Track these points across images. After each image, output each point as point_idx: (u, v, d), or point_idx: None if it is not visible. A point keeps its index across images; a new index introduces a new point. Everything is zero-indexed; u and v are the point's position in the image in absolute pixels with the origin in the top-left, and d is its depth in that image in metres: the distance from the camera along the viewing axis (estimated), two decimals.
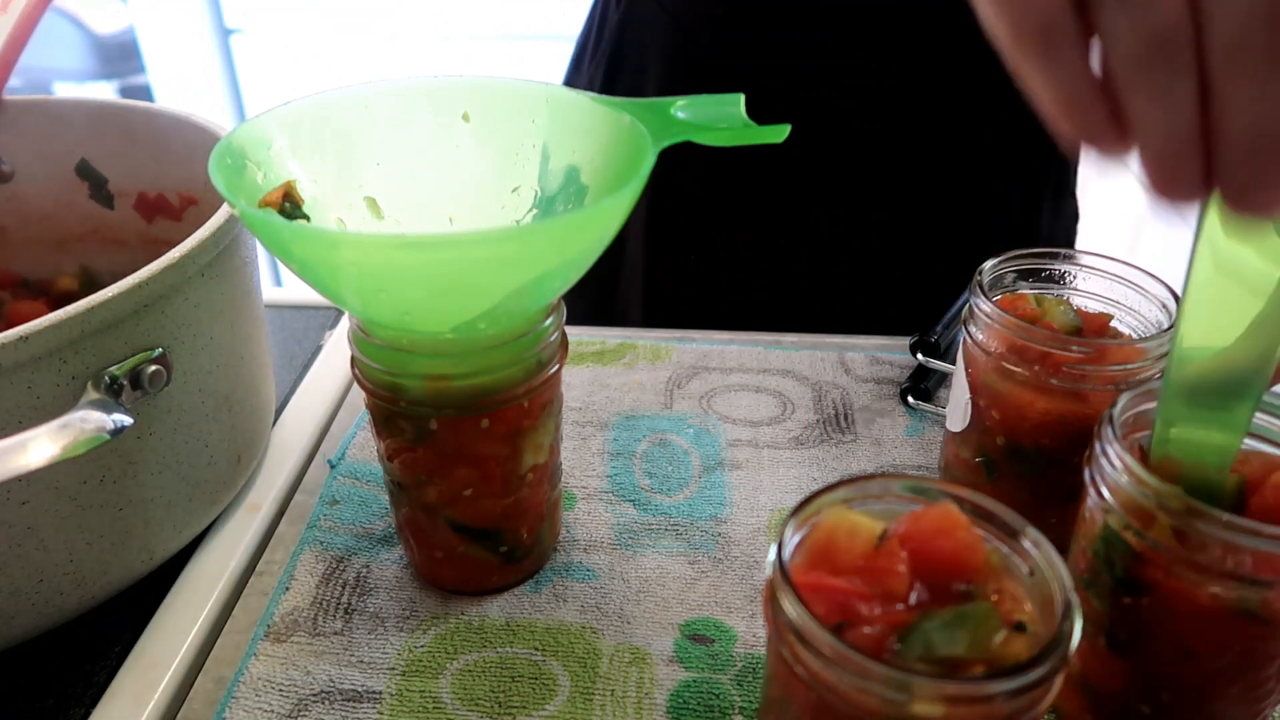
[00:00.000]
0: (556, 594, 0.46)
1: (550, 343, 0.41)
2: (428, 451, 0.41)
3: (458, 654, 0.43)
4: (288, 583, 0.46)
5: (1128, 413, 0.37)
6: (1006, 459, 0.46)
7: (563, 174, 0.43)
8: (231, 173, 0.37)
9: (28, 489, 0.38)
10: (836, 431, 0.57)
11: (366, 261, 0.35)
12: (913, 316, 0.63)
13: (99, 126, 0.55)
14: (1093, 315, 0.46)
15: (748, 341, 0.65)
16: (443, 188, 0.45)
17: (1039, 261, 0.48)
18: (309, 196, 0.41)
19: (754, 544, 0.49)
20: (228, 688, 0.41)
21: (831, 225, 0.72)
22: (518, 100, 0.44)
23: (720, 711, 0.40)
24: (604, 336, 0.65)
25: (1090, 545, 0.36)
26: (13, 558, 0.39)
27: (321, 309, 0.70)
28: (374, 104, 0.43)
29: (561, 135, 0.43)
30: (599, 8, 0.79)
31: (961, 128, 0.69)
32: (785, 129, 0.39)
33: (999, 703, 0.26)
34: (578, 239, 0.36)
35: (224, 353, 0.45)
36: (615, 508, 0.51)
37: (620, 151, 0.41)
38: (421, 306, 0.37)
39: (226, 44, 2.22)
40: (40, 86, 2.19)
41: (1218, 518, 0.31)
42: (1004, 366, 0.44)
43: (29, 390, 0.36)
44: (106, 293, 0.37)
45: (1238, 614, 0.32)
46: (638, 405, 0.59)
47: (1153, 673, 0.35)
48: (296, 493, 0.53)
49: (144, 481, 0.42)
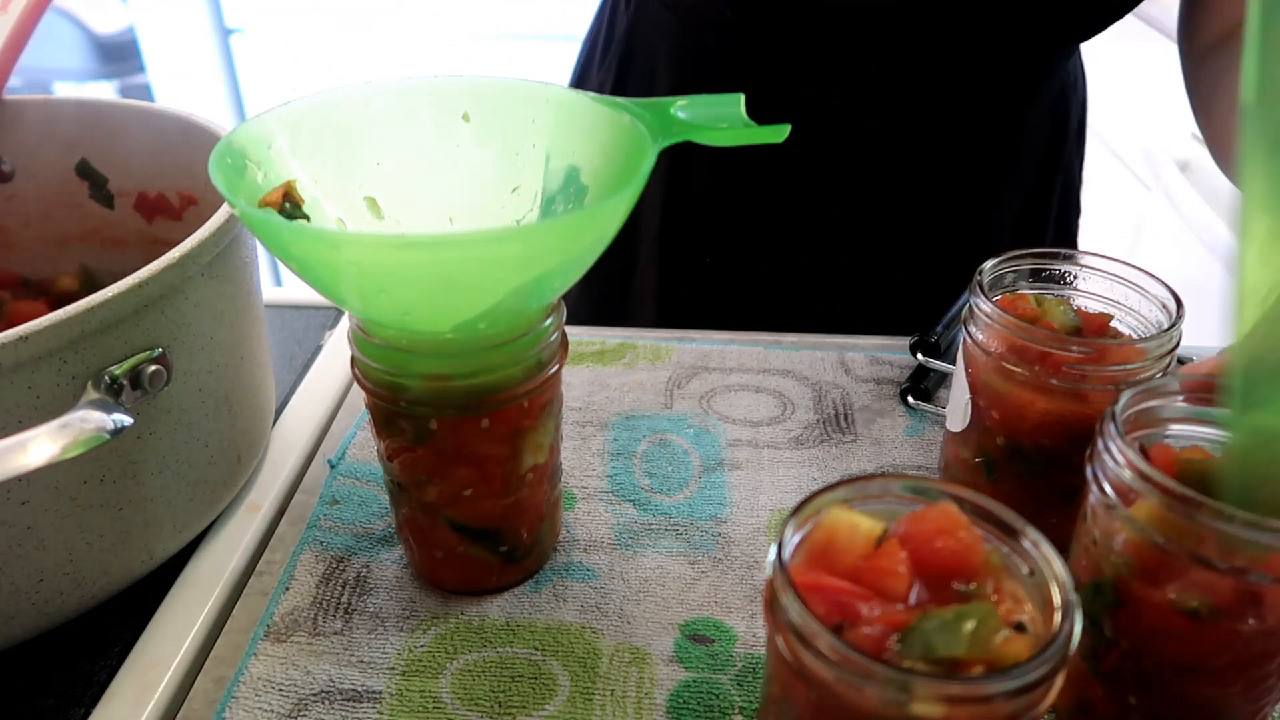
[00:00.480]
0: (556, 594, 0.46)
1: (550, 343, 0.41)
2: (428, 451, 0.41)
3: (458, 654, 0.43)
4: (288, 583, 0.46)
5: (1130, 410, 0.37)
6: (1006, 459, 0.46)
7: (563, 174, 0.43)
8: (231, 172, 0.37)
9: (28, 489, 0.38)
10: (836, 431, 0.57)
11: (366, 261, 0.35)
12: (913, 316, 0.63)
13: (99, 126, 0.55)
14: (1093, 315, 0.46)
15: (748, 341, 0.65)
16: (443, 188, 0.45)
17: (1039, 261, 0.48)
18: (309, 196, 0.41)
19: (754, 544, 0.49)
20: (228, 688, 0.41)
21: (832, 225, 0.72)
22: (518, 100, 0.44)
23: (720, 711, 0.40)
24: (604, 336, 0.65)
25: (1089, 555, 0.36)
26: (12, 558, 0.39)
27: (321, 309, 0.70)
28: (374, 104, 0.43)
29: (562, 135, 0.43)
30: (607, 11, 0.79)
31: (963, 128, 0.69)
32: (785, 129, 0.39)
33: (999, 703, 0.26)
34: (578, 239, 0.36)
35: (224, 353, 0.45)
36: (615, 508, 0.51)
37: (620, 151, 0.41)
38: (422, 306, 0.37)
39: (226, 44, 2.22)
40: (40, 86, 2.19)
41: (1227, 512, 0.31)
42: (1004, 366, 0.44)
43: (29, 390, 0.36)
44: (106, 293, 0.37)
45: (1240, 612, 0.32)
46: (638, 405, 0.59)
47: (1153, 673, 0.35)
48: (296, 493, 0.53)
49: (144, 481, 0.42)
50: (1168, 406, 0.38)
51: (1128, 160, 1.70)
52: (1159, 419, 0.38)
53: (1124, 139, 1.72)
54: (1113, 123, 1.77)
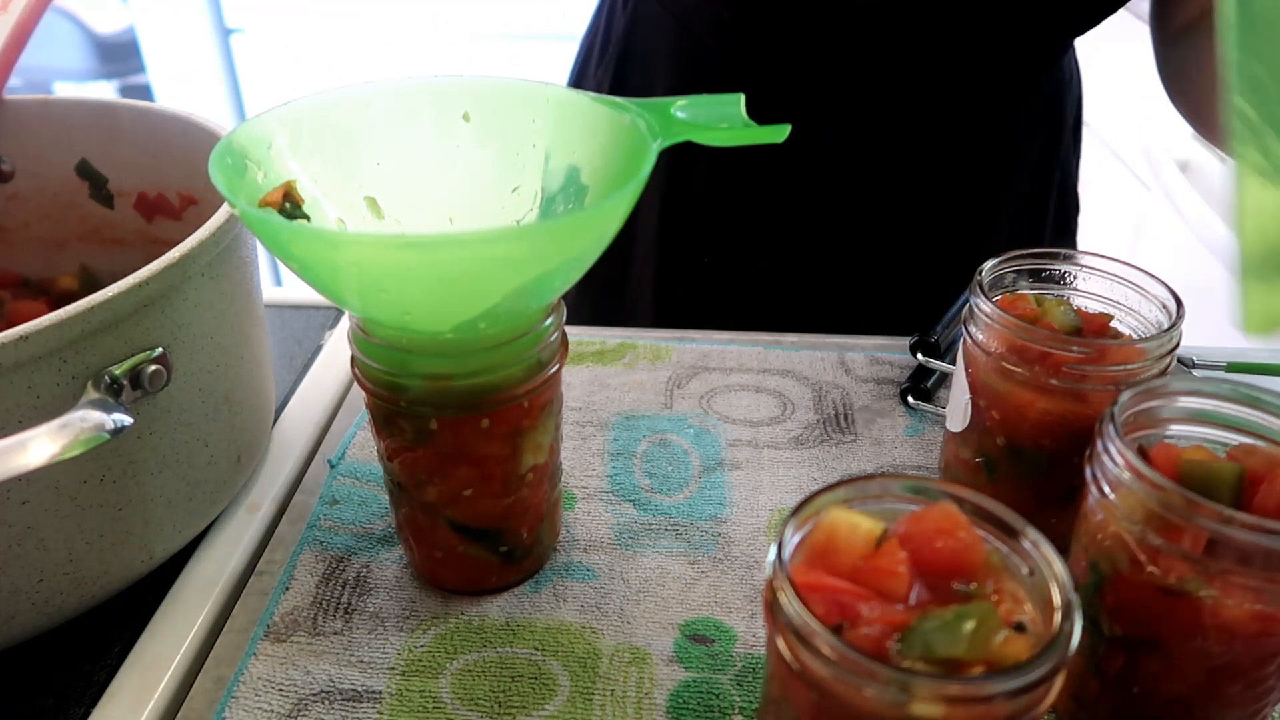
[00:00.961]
0: (556, 594, 0.46)
1: (550, 342, 0.41)
2: (428, 451, 0.41)
3: (458, 654, 0.43)
4: (288, 583, 0.46)
5: (1129, 411, 0.37)
6: (1006, 459, 0.46)
7: (563, 174, 0.43)
8: (232, 172, 0.37)
9: (28, 489, 0.38)
10: (836, 431, 0.57)
11: (366, 261, 0.35)
12: (913, 316, 0.63)
13: (99, 126, 0.55)
14: (1093, 315, 0.46)
15: (748, 341, 0.65)
16: (443, 188, 0.45)
17: (1039, 261, 0.48)
18: (309, 196, 0.41)
19: (754, 544, 0.49)
20: (228, 688, 0.41)
21: (832, 225, 0.72)
22: (518, 100, 0.44)
23: (720, 711, 0.40)
24: (604, 336, 0.65)
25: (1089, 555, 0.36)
26: (12, 558, 0.39)
27: (321, 309, 0.70)
28: (374, 104, 0.43)
29: (562, 135, 0.43)
30: (604, 11, 0.79)
31: (961, 127, 0.69)
32: (785, 129, 0.39)
33: (999, 703, 0.26)
34: (578, 239, 0.36)
35: (224, 353, 0.45)
36: (615, 508, 0.51)
37: (620, 151, 0.41)
38: (422, 306, 0.37)
39: (227, 44, 2.22)
40: (40, 86, 2.19)
41: (1219, 512, 0.31)
42: (1004, 366, 0.44)
43: (29, 390, 0.36)
44: (106, 292, 0.37)
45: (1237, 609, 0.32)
46: (638, 405, 0.59)
47: (1153, 672, 0.35)
48: (296, 493, 0.53)
49: (144, 481, 0.42)
50: (1168, 406, 0.38)
51: (1128, 160, 1.70)
52: (1159, 419, 0.38)
53: (1124, 139, 1.72)
54: (1112, 122, 1.77)
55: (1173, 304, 0.44)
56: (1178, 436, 0.38)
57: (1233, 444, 0.37)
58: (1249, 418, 0.37)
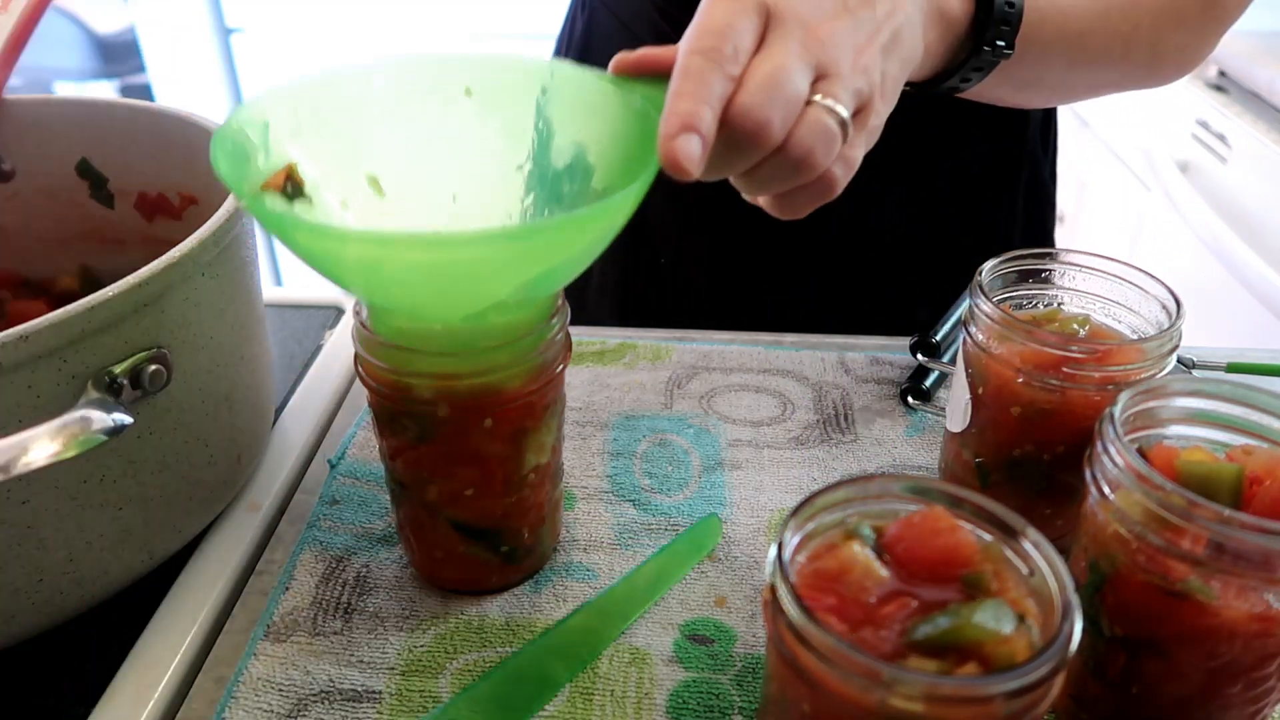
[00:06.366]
0: (556, 594, 0.46)
1: (554, 343, 0.41)
2: (430, 450, 0.41)
3: (458, 654, 0.43)
4: (288, 582, 0.46)
5: (1129, 411, 0.37)
6: (1006, 459, 0.46)
7: (569, 151, 0.42)
8: (234, 158, 0.36)
9: (28, 488, 0.38)
10: (836, 432, 0.57)
11: (373, 258, 0.35)
12: (913, 316, 0.63)
13: (99, 126, 0.55)
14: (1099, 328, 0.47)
15: (748, 341, 0.65)
16: (446, 165, 0.43)
17: (1039, 261, 0.48)
18: (310, 178, 0.40)
19: (754, 544, 0.49)
20: (227, 687, 0.41)
21: (832, 225, 0.72)
22: (521, 75, 0.42)
23: (720, 711, 0.40)
24: (604, 336, 0.65)
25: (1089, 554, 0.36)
26: (13, 557, 0.39)
27: (321, 309, 0.70)
28: (374, 79, 0.42)
29: (566, 112, 0.42)
30: (570, 16, 0.80)
31: (962, 130, 0.69)
32: None
33: (999, 703, 0.26)
34: (588, 232, 0.36)
35: (224, 352, 0.45)
36: (615, 508, 0.51)
37: (630, 133, 0.39)
38: (431, 298, 0.37)
39: (227, 43, 2.22)
40: (40, 86, 2.19)
41: (1219, 513, 0.31)
42: (1004, 367, 0.44)
43: (29, 390, 0.36)
44: (106, 292, 0.37)
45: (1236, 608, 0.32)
46: (638, 405, 0.59)
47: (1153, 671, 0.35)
48: (296, 492, 0.53)
49: (144, 481, 0.42)
50: (1167, 407, 0.38)
51: (1128, 160, 1.70)
52: (1158, 419, 0.38)
53: (1124, 139, 1.72)
54: (1113, 123, 1.77)
55: (1173, 304, 0.44)
56: (1177, 437, 0.38)
57: (1232, 444, 0.37)
58: (1248, 418, 0.37)
